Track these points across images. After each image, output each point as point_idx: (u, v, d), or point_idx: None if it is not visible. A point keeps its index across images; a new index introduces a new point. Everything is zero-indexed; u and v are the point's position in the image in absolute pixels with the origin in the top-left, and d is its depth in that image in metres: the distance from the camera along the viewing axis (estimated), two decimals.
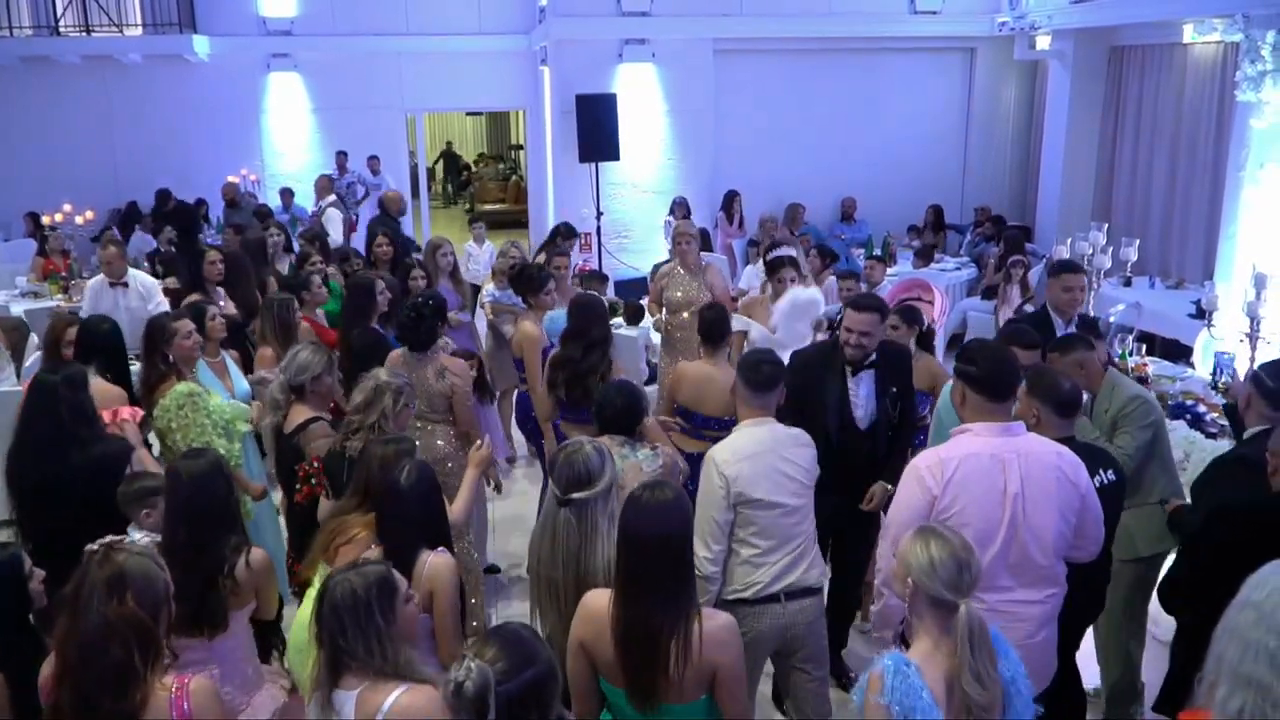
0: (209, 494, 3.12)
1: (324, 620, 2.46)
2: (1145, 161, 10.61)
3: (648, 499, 2.67)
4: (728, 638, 2.65)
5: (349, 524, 3.28)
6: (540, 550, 3.09)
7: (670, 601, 2.59)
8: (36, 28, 12.90)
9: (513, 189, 19.94)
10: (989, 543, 3.03)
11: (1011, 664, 2.44)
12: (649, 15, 11.60)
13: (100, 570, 2.45)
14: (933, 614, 2.42)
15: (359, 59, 13.49)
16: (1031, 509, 3.04)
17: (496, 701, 2.04)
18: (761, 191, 12.04)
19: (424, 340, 4.88)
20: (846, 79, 12.59)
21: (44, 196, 11.89)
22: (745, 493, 3.42)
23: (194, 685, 2.49)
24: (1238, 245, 8.20)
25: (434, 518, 3.15)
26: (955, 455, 3.10)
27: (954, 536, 2.46)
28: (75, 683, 2.40)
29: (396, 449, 3.34)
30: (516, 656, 2.12)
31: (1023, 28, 11.46)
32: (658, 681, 2.59)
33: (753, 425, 3.54)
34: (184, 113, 13.24)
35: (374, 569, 2.53)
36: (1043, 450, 3.14)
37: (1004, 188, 13.16)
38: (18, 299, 9.34)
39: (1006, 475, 3.05)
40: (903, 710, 2.31)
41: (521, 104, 14.79)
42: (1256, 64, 7.76)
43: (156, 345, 4.70)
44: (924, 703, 2.31)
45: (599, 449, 3.12)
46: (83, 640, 2.40)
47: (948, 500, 3.05)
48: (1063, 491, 3.09)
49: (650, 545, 2.61)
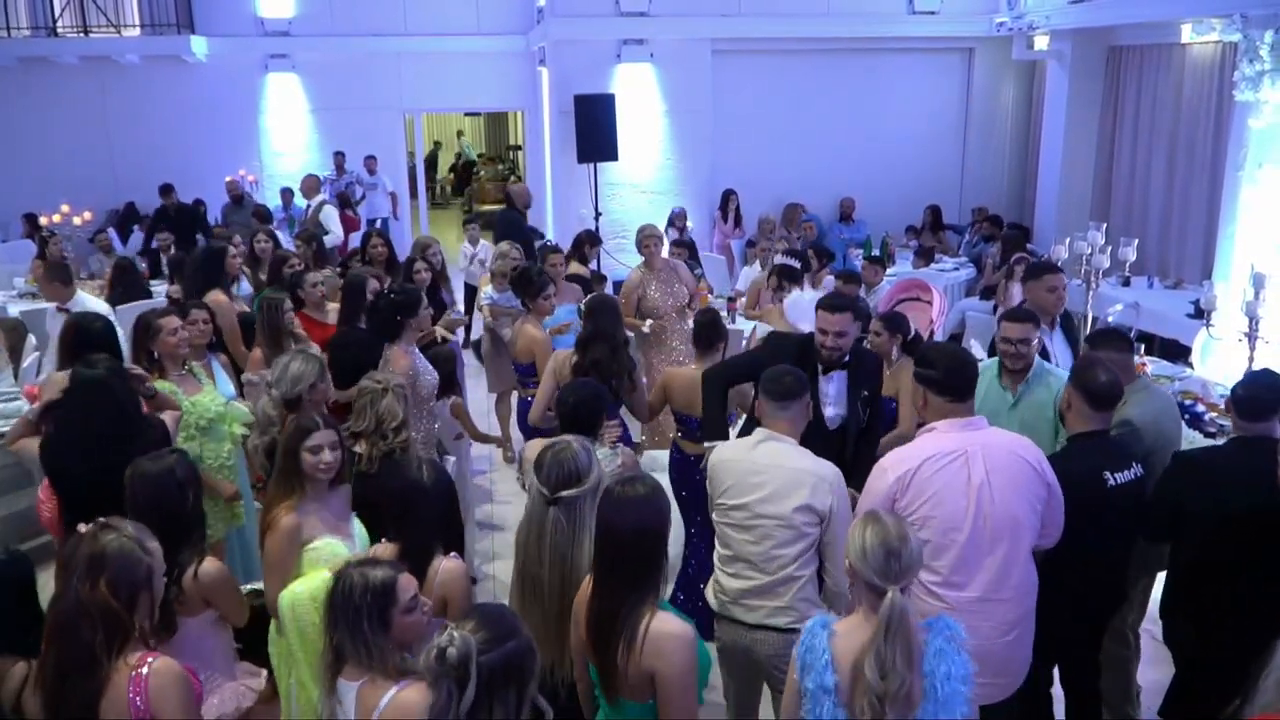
0: (162, 498, 3.09)
1: (326, 612, 2.50)
2: (1144, 161, 10.62)
3: (622, 493, 2.69)
4: (669, 646, 2.58)
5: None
6: (526, 549, 3.08)
7: (632, 596, 2.61)
8: (34, 28, 12.90)
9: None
10: (955, 535, 3.10)
11: (952, 665, 2.44)
12: (647, 15, 11.60)
13: (84, 548, 2.48)
14: (866, 596, 2.48)
15: (357, 59, 13.48)
16: (999, 498, 3.10)
17: (478, 671, 2.07)
18: (760, 192, 12.04)
19: (385, 330, 5.02)
20: (845, 79, 12.59)
21: (42, 197, 11.87)
22: (715, 496, 3.47)
23: (159, 665, 2.48)
24: (1236, 245, 8.20)
25: (452, 518, 3.18)
26: (918, 454, 3.19)
27: (893, 524, 2.49)
28: (54, 655, 2.43)
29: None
30: (497, 629, 2.15)
31: (1021, 28, 11.46)
32: (612, 672, 2.63)
33: (763, 438, 3.45)
34: (182, 113, 13.22)
35: (380, 573, 2.51)
36: (1006, 442, 3.24)
37: (1002, 188, 13.16)
38: (15, 300, 9.33)
39: (970, 467, 3.12)
40: (801, 664, 2.50)
41: (520, 104, 14.79)
42: (1255, 64, 7.76)
43: (142, 342, 4.69)
44: (820, 663, 2.46)
45: (585, 447, 3.13)
46: (60, 616, 2.44)
47: (909, 497, 3.13)
48: (1028, 481, 3.16)
49: (624, 539, 2.63)
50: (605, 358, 4.78)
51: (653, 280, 6.89)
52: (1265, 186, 7.89)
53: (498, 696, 2.10)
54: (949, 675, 2.43)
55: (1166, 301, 8.72)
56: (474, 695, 2.06)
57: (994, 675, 3.13)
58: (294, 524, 3.30)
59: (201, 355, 5.03)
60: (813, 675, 2.45)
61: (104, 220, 12.42)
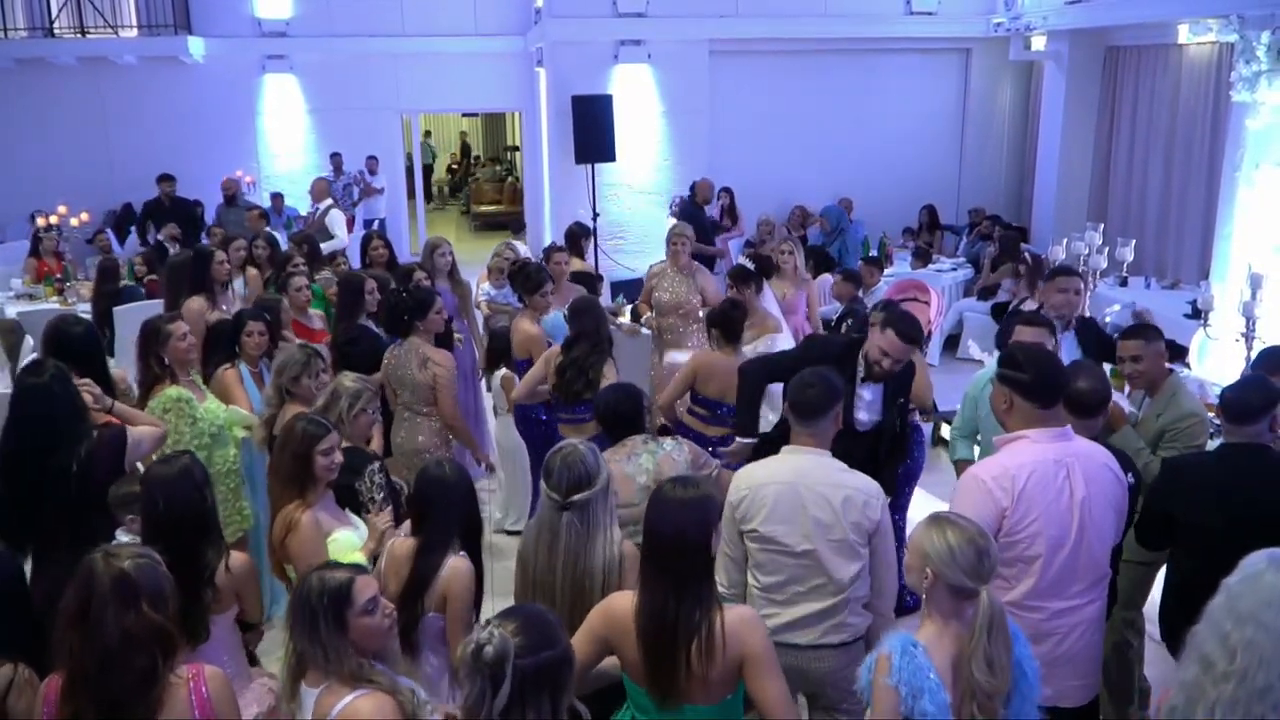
0: (183, 501, 3.08)
1: (287, 616, 2.52)
2: (1141, 162, 10.63)
3: (668, 495, 2.68)
4: (749, 625, 2.61)
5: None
6: (535, 557, 3.05)
7: (689, 597, 2.57)
8: (31, 29, 12.87)
9: (509, 190, 19.92)
10: (1061, 550, 3.02)
11: (1024, 661, 2.44)
12: (644, 16, 11.60)
13: (106, 579, 2.42)
14: (950, 602, 2.41)
15: (355, 60, 13.47)
16: (1098, 513, 3.07)
17: (513, 674, 2.04)
18: (758, 192, 12.01)
19: (394, 327, 5.06)
20: (842, 80, 12.59)
21: (40, 198, 11.84)
22: (748, 523, 3.25)
23: (209, 672, 2.51)
24: (1233, 245, 8.21)
25: (473, 513, 3.22)
26: (1023, 465, 3.03)
27: (969, 524, 2.46)
28: (97, 691, 2.39)
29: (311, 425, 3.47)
30: (537, 635, 2.12)
31: (1018, 28, 11.48)
32: (678, 679, 2.57)
33: (790, 453, 3.33)
34: (179, 114, 13.21)
35: (337, 576, 2.51)
36: (1095, 452, 3.17)
37: (1000, 188, 13.17)
38: (13, 301, 9.32)
39: (1072, 481, 3.04)
40: (910, 690, 2.30)
41: (517, 105, 14.80)
42: (1251, 64, 7.77)
43: (151, 348, 4.63)
44: (931, 683, 2.30)
45: (591, 448, 3.11)
46: (103, 652, 2.38)
47: (1020, 512, 3.00)
48: (1117, 493, 3.13)
49: (668, 541, 2.61)
50: (584, 356, 4.94)
51: (669, 278, 6.85)
52: (1262, 187, 7.90)
53: (531, 704, 2.08)
54: (1025, 654, 2.44)
55: (1163, 302, 8.71)
56: (507, 699, 2.04)
57: (1082, 676, 3.15)
58: (314, 519, 3.40)
59: (255, 364, 5.09)
60: (928, 697, 2.30)
61: (102, 221, 12.39)
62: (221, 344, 5.19)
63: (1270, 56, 7.62)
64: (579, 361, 4.93)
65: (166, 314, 5.13)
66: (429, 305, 5.08)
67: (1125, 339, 4.22)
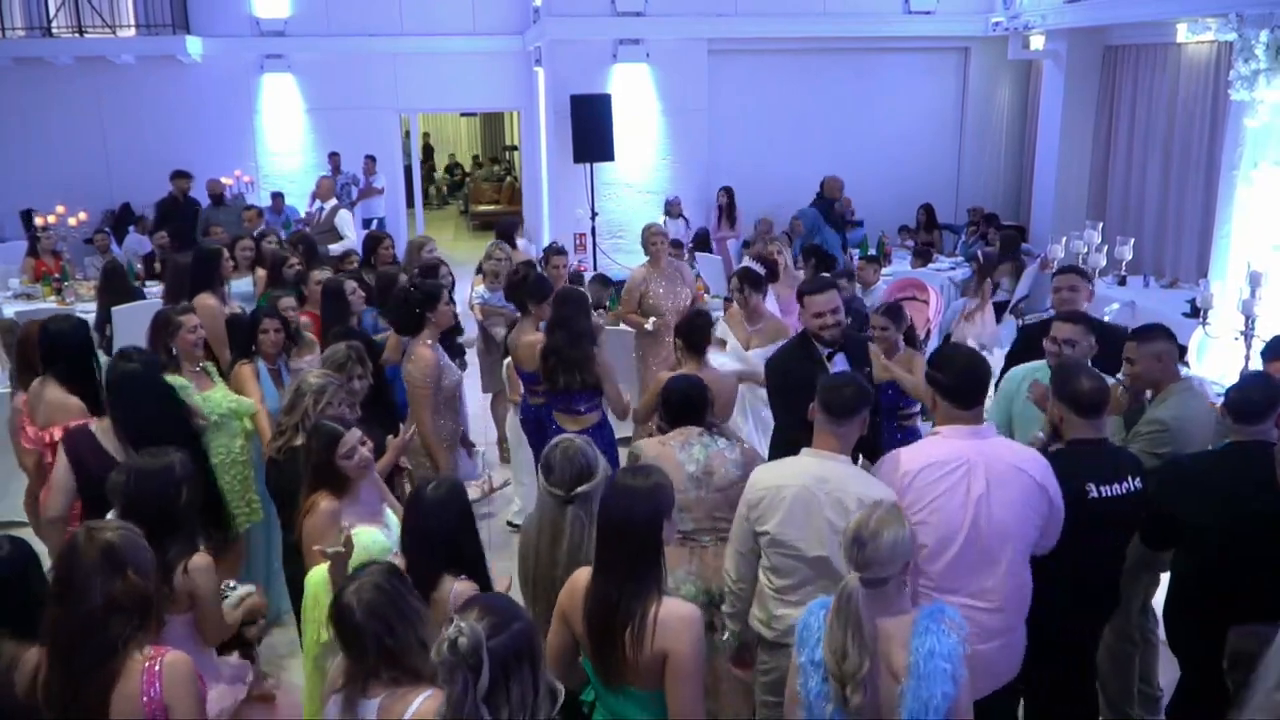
0: (155, 495, 3.09)
1: (362, 627, 2.40)
2: (1139, 161, 10.63)
3: (621, 482, 2.71)
4: (682, 627, 2.60)
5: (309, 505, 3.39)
6: (538, 553, 3.06)
7: (632, 584, 2.61)
8: (29, 29, 12.85)
9: (507, 190, 19.92)
10: (950, 544, 3.08)
11: (936, 643, 2.49)
12: (643, 15, 11.60)
13: (92, 551, 2.47)
14: None
15: (353, 60, 13.46)
16: (998, 513, 3.07)
17: (490, 658, 2.08)
18: (757, 191, 12.02)
19: (408, 325, 5.03)
20: (841, 79, 12.60)
21: (38, 198, 11.83)
22: (763, 524, 3.25)
23: (170, 658, 2.50)
24: (1232, 244, 8.21)
25: (457, 537, 3.00)
26: (921, 458, 3.16)
27: (878, 517, 2.55)
28: (69, 658, 2.42)
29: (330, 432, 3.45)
30: (499, 614, 2.17)
31: (1017, 27, 11.48)
32: (615, 660, 2.63)
33: (810, 456, 3.29)
34: (177, 114, 13.19)
35: (377, 566, 2.54)
36: (1010, 454, 3.19)
37: (998, 187, 13.17)
38: (11, 300, 9.30)
39: (971, 478, 3.08)
40: (799, 639, 2.63)
41: (516, 104, 14.80)
42: (1250, 63, 7.77)
43: (161, 337, 4.68)
44: (813, 639, 2.56)
45: (588, 441, 3.14)
46: (85, 618, 2.41)
47: (909, 499, 3.08)
48: (1029, 496, 3.11)
49: (617, 527, 2.64)
50: (563, 346, 4.94)
51: (657, 279, 6.85)
52: (1261, 185, 7.90)
53: (514, 677, 2.13)
54: (931, 652, 2.47)
55: (1162, 301, 8.71)
56: (489, 680, 2.08)
57: (991, 678, 3.15)
58: (334, 506, 3.38)
59: (273, 361, 5.12)
60: (805, 650, 2.56)
61: (100, 221, 12.38)
62: (237, 340, 5.25)
63: (1269, 55, 7.63)
64: (559, 350, 4.96)
65: (179, 305, 5.10)
66: (439, 298, 5.11)
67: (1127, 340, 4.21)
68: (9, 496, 5.91)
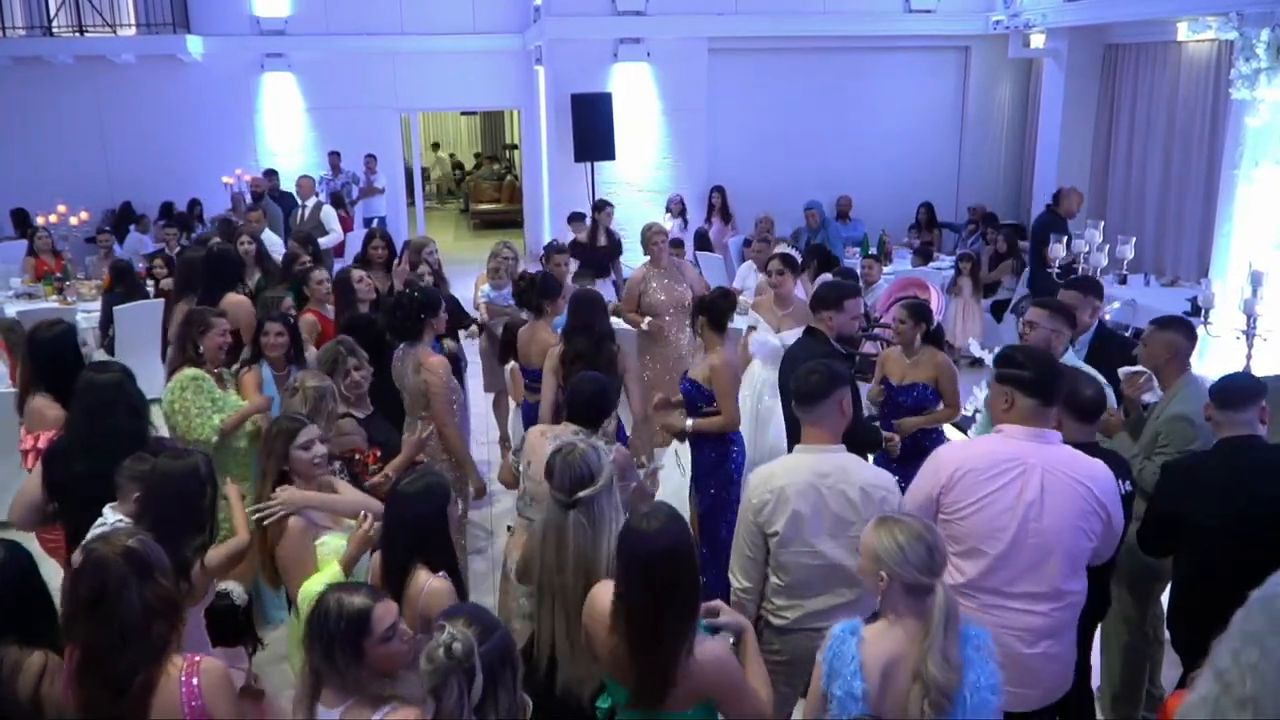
0: (178, 496, 3.14)
1: (306, 633, 2.46)
2: (1140, 159, 10.64)
3: (640, 527, 2.59)
4: (714, 669, 2.54)
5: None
6: (544, 559, 3.03)
7: (672, 622, 2.51)
8: (29, 28, 12.86)
9: (507, 189, 19.91)
10: (992, 545, 3.01)
11: (980, 674, 2.41)
12: (644, 14, 11.60)
13: (119, 559, 2.46)
14: (906, 600, 2.43)
15: (353, 59, 13.47)
16: (1048, 521, 2.98)
17: (481, 663, 2.12)
18: (757, 190, 12.02)
19: (406, 330, 4.94)
20: (841, 78, 12.60)
21: (38, 197, 11.84)
22: (772, 525, 3.23)
23: (205, 665, 2.52)
24: (1233, 242, 8.21)
25: (432, 532, 3.01)
26: (976, 454, 3.09)
27: (914, 521, 2.49)
28: (110, 668, 2.42)
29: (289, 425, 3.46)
30: (482, 623, 2.22)
31: (1017, 26, 11.48)
32: (647, 698, 2.55)
33: (804, 452, 3.28)
34: (178, 113, 13.21)
35: (356, 602, 2.42)
36: (1072, 463, 3.05)
37: (999, 186, 13.18)
38: (12, 300, 9.30)
39: (1025, 481, 3.00)
40: (829, 670, 2.48)
41: (516, 103, 14.80)
42: (1251, 61, 7.77)
43: (190, 334, 4.67)
44: (848, 669, 2.43)
45: (593, 445, 3.10)
46: (124, 627, 2.42)
47: (954, 495, 3.05)
48: (1082, 510, 3.01)
49: (636, 575, 2.55)
50: (588, 350, 4.84)
51: (657, 277, 6.85)
52: (1261, 184, 7.90)
53: (500, 682, 2.16)
54: (978, 684, 2.38)
55: (1163, 299, 8.70)
56: (483, 685, 2.11)
57: (1016, 684, 3.04)
58: (301, 525, 3.37)
59: (281, 366, 5.05)
60: (840, 682, 2.42)
61: (100, 220, 12.38)
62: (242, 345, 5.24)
63: (1269, 54, 7.62)
64: (584, 355, 4.86)
65: (213, 308, 5.08)
66: (439, 303, 5.08)
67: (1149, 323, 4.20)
68: (9, 495, 5.91)
